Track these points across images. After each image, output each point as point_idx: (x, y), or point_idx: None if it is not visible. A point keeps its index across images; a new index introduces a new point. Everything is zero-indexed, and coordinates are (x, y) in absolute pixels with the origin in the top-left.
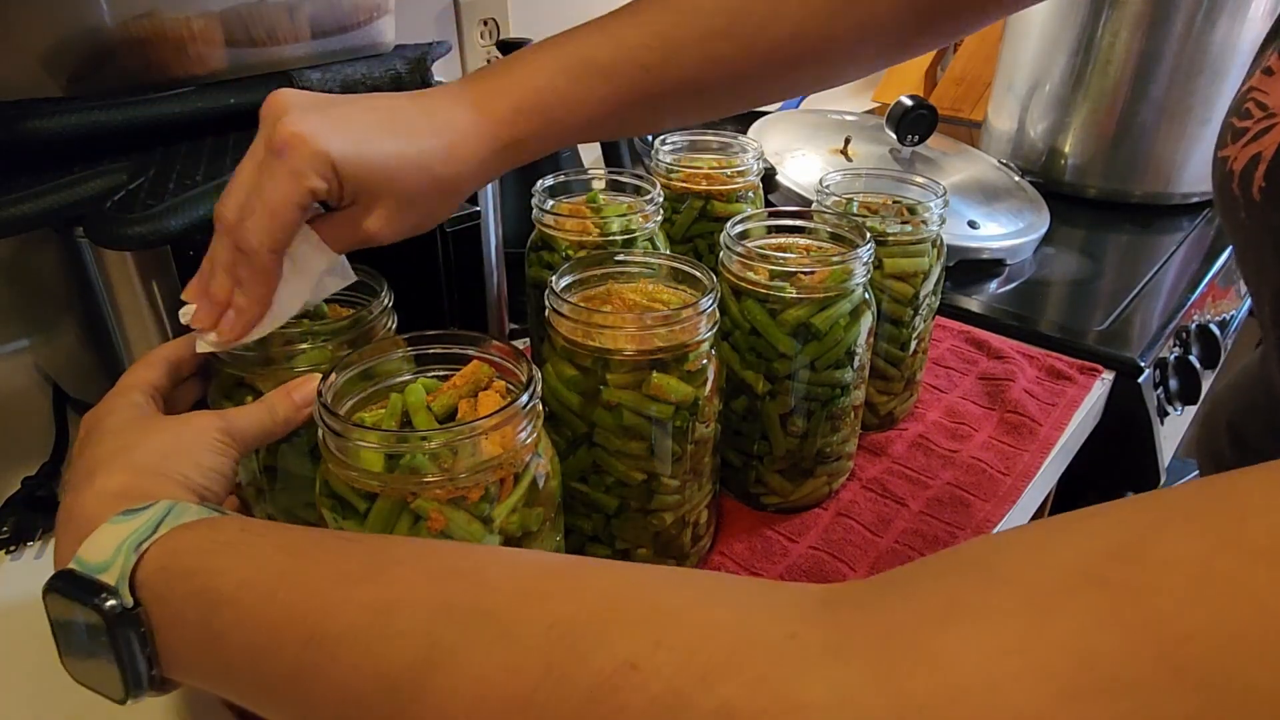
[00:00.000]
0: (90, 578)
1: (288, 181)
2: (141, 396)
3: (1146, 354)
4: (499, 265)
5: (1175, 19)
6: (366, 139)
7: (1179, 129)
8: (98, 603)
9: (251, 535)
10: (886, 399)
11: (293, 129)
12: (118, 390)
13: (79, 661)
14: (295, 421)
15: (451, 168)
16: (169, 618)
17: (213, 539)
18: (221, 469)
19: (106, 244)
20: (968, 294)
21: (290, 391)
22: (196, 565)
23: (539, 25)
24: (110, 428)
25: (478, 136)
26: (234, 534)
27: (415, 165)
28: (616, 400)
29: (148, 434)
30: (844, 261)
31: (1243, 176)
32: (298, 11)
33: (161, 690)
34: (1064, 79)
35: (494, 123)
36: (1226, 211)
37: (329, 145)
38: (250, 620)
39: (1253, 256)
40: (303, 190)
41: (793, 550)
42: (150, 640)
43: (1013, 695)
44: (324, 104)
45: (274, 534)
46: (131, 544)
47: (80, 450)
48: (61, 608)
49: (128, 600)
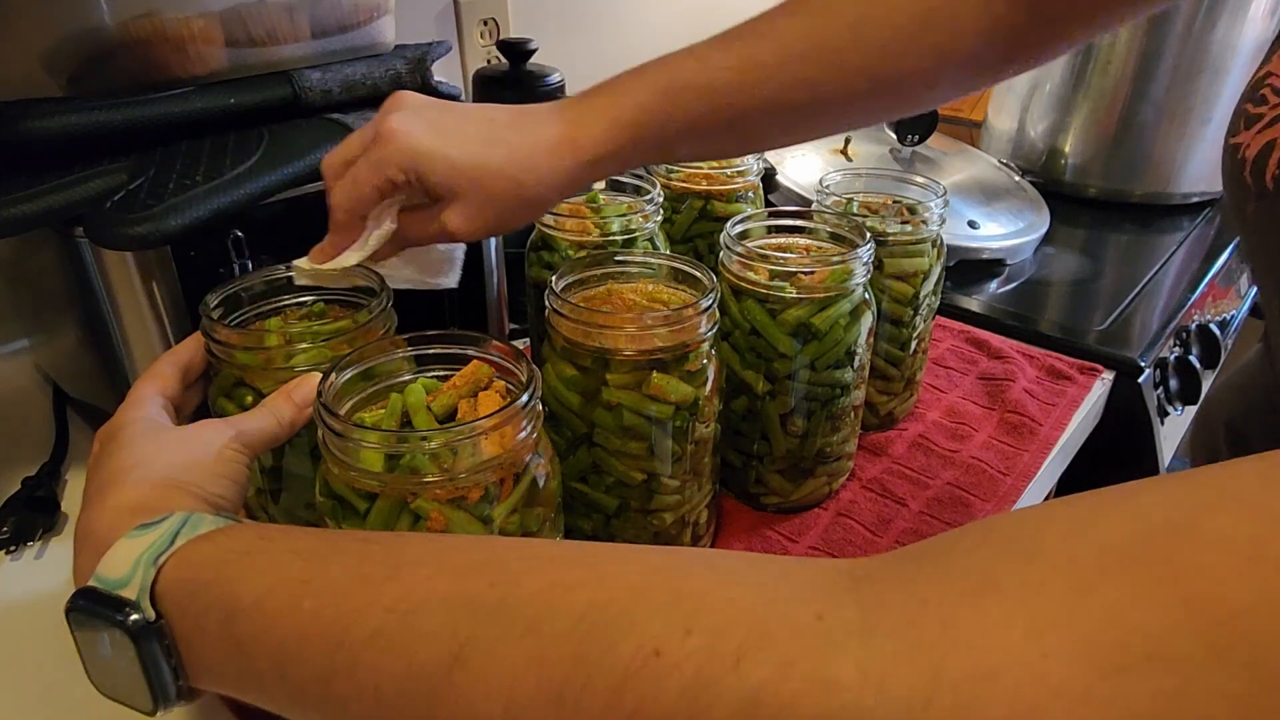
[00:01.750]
0: (111, 594)
1: (373, 167)
2: (154, 408)
3: (1147, 354)
4: (499, 265)
5: (1175, 19)
6: (457, 144)
7: (1179, 129)
8: (120, 618)
9: (268, 543)
10: (886, 399)
11: (394, 125)
12: (129, 403)
13: (107, 677)
14: (300, 422)
15: (534, 176)
16: (191, 628)
17: (230, 548)
18: (235, 477)
19: (106, 244)
20: (968, 294)
21: (289, 393)
22: (215, 576)
23: (539, 25)
24: (124, 442)
25: (565, 151)
26: (251, 542)
27: (498, 172)
28: (616, 400)
29: (161, 447)
30: (844, 261)
31: (1255, 164)
32: (298, 11)
33: (190, 699)
34: (1064, 79)
35: (584, 138)
36: (1236, 202)
37: (419, 145)
38: (275, 629)
39: (1262, 249)
40: (382, 178)
41: (793, 550)
42: (175, 651)
43: (1051, 672)
44: (432, 108)
45: (290, 539)
46: (149, 558)
47: (95, 466)
48: (85, 625)
49: (149, 614)
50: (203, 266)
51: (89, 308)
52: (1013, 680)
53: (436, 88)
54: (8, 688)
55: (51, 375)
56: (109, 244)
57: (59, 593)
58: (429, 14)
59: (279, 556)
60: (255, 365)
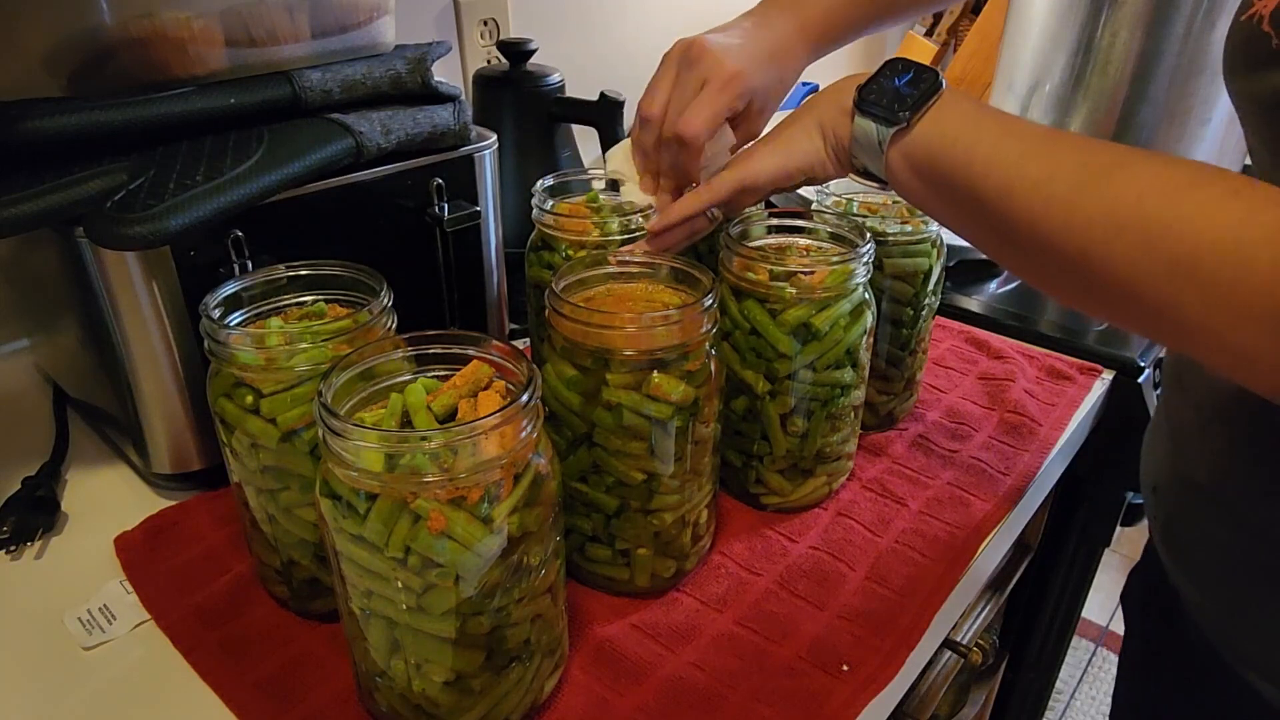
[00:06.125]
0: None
1: (717, 97)
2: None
3: (1146, 354)
4: (499, 265)
5: (1175, 19)
6: (751, 60)
7: (1179, 129)
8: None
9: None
10: (886, 399)
11: (727, 64)
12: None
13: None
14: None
15: (793, 73)
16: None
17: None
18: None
19: (106, 244)
20: (968, 294)
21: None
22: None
23: (539, 25)
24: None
25: (800, 41)
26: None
27: (779, 78)
28: (616, 400)
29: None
30: (844, 261)
31: (1274, 15)
32: (298, 11)
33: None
34: (1064, 79)
35: (809, 26)
36: (1250, 70)
37: (750, 79)
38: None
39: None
40: (729, 103)
41: (792, 550)
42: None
43: None
44: (727, 41)
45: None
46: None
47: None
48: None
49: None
50: (202, 266)
51: (89, 308)
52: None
53: (436, 88)
54: (7, 688)
55: (51, 375)
56: (109, 244)
57: (59, 593)
58: (429, 14)
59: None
60: (255, 365)
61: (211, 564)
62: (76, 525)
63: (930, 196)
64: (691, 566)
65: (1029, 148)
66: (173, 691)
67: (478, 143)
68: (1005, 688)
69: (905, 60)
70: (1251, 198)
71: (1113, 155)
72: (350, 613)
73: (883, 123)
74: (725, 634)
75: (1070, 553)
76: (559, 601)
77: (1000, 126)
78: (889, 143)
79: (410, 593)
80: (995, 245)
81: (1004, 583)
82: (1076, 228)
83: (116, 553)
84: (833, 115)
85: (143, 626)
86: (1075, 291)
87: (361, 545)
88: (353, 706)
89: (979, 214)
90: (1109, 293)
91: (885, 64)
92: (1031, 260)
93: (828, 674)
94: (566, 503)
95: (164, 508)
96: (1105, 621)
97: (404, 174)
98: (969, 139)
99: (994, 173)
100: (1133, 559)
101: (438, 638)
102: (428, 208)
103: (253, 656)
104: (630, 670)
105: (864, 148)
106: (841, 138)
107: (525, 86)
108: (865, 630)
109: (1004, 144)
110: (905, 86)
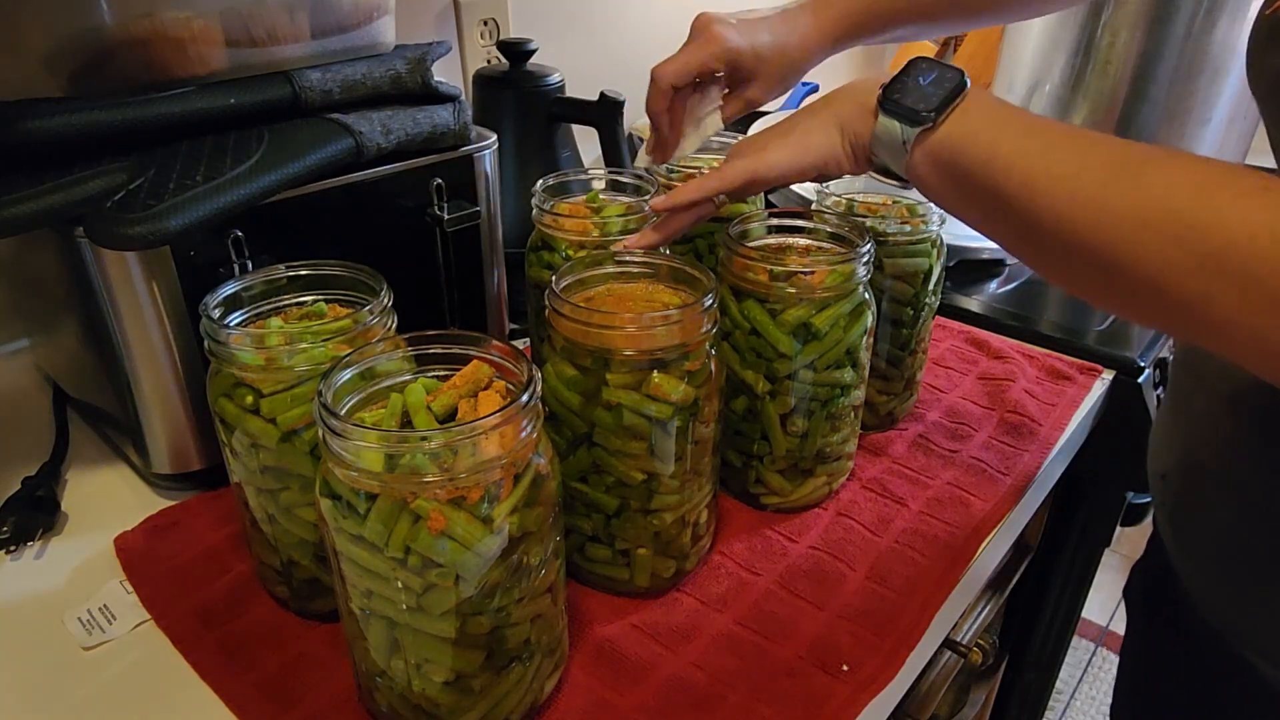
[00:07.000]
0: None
1: (694, 52)
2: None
3: (1146, 354)
4: (499, 265)
5: (1175, 19)
6: (752, 34)
7: (1179, 129)
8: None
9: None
10: (886, 399)
11: (713, 28)
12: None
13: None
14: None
15: (800, 53)
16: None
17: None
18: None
19: (106, 244)
20: (968, 294)
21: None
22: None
23: (539, 25)
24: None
25: (815, 34)
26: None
27: (779, 50)
28: (616, 400)
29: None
30: (844, 261)
31: None
32: (298, 11)
33: (930, 129)
34: (1064, 79)
35: (827, 21)
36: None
37: (729, 40)
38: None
39: None
40: (701, 59)
41: (792, 550)
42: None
43: None
44: (731, 13)
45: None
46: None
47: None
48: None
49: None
50: (202, 266)
51: (89, 308)
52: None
53: (436, 88)
54: (7, 688)
55: (51, 375)
56: (109, 244)
57: (59, 593)
58: (429, 14)
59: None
60: (255, 365)
61: (211, 564)
62: (76, 525)
63: (953, 194)
64: (691, 566)
65: (1053, 144)
66: (173, 692)
67: (478, 143)
68: (1005, 688)
69: (929, 59)
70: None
71: (1139, 151)
72: (350, 613)
73: (908, 122)
74: (725, 634)
75: (1070, 553)
76: (559, 601)
77: (1024, 124)
78: (914, 142)
79: (410, 593)
80: (1019, 243)
81: (1004, 583)
82: (1104, 224)
83: (116, 553)
84: (852, 113)
85: (143, 626)
86: (1099, 288)
87: (361, 545)
88: (353, 706)
89: (1003, 211)
90: (1136, 288)
91: (909, 63)
92: (1056, 257)
93: (828, 674)
94: (566, 503)
95: (164, 508)
96: (1105, 621)
97: (404, 174)
98: (992, 135)
99: (1018, 169)
100: (1133, 559)
101: (438, 638)
102: (428, 208)
103: (252, 656)
104: (630, 670)
105: (886, 146)
106: (861, 135)
107: (525, 86)
108: (865, 630)
109: (1028, 141)
110: (930, 86)
